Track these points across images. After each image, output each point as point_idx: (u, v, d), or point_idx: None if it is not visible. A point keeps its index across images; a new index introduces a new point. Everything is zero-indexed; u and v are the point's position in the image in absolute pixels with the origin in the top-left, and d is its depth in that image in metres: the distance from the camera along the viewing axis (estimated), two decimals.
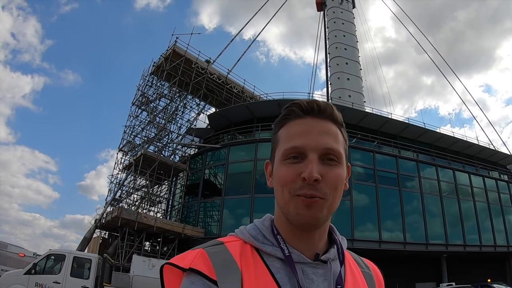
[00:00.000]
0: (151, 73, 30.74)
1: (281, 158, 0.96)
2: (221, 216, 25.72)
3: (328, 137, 0.95)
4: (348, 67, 40.58)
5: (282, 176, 0.94)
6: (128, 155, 29.53)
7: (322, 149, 0.93)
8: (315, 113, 0.97)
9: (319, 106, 0.98)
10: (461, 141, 33.39)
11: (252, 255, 0.94)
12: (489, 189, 31.95)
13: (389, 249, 25.59)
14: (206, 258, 0.88)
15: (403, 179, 28.26)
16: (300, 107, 0.98)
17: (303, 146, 0.93)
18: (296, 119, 0.98)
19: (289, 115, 0.99)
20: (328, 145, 0.94)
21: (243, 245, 0.96)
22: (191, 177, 29.01)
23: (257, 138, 27.32)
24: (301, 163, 0.92)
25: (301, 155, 0.93)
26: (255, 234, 0.98)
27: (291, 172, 0.92)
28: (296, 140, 0.94)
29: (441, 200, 28.88)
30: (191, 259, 0.88)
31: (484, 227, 30.08)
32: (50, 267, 14.16)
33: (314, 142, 0.93)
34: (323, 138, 0.94)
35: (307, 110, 0.97)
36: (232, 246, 0.94)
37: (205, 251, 0.90)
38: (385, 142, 29.45)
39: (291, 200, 0.92)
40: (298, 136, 0.95)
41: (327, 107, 0.98)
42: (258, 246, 0.96)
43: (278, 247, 0.95)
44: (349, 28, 43.67)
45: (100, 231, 26.38)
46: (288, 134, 0.97)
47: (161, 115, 29.80)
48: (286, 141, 0.96)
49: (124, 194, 28.27)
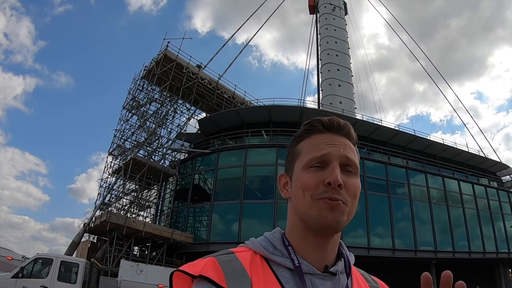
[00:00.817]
0: (142, 77, 30.61)
1: (304, 166, 1.01)
2: (210, 221, 25.59)
3: (348, 150, 1.02)
4: (339, 74, 40.56)
5: (305, 181, 0.98)
6: (118, 159, 29.36)
7: (344, 159, 1.00)
8: (335, 129, 1.05)
9: (338, 123, 1.06)
10: (450, 148, 33.53)
11: (262, 265, 0.95)
12: (478, 196, 32.06)
13: (378, 256, 25.59)
14: (217, 266, 0.90)
15: (393, 186, 28.30)
16: (321, 123, 1.05)
17: (328, 154, 0.99)
18: (317, 133, 1.05)
19: (311, 130, 1.06)
20: (349, 155, 1.01)
21: (253, 255, 0.98)
22: (181, 182, 28.89)
23: (247, 144, 27.27)
24: (324, 171, 0.98)
25: (324, 163, 0.99)
26: (265, 245, 1.00)
27: (315, 178, 0.97)
28: (320, 150, 1.00)
29: (430, 207, 28.93)
30: (202, 266, 0.90)
31: (473, 234, 30.18)
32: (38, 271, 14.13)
33: (337, 151, 1.00)
34: (343, 149, 1.01)
35: (328, 126, 1.05)
36: (243, 256, 0.96)
37: (216, 259, 0.92)
38: (375, 149, 29.51)
39: (314, 204, 0.95)
40: (323, 146, 1.01)
41: (345, 125, 1.06)
42: (268, 256, 0.98)
43: (288, 257, 0.97)
44: (341, 34, 43.74)
45: (88, 235, 26.18)
46: (311, 146, 1.03)
47: (152, 120, 29.67)
48: (310, 150, 1.02)
49: (114, 198, 28.10)
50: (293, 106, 29.65)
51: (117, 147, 29.66)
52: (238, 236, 24.01)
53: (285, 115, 28.62)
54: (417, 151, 32.13)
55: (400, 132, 31.42)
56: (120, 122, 30.29)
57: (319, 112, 31.20)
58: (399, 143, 31.44)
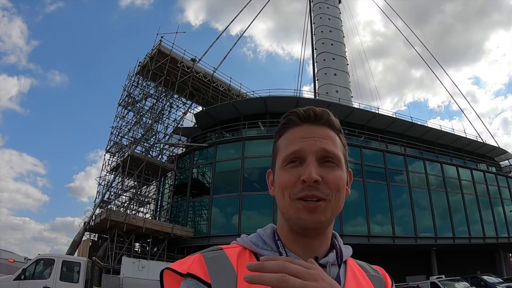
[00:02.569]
0: (136, 73, 30.53)
1: (281, 164, 0.97)
2: (210, 215, 25.61)
3: (326, 141, 0.97)
4: (335, 63, 40.57)
5: (283, 181, 0.95)
6: (115, 156, 29.32)
7: (320, 152, 0.95)
8: (312, 120, 0.99)
9: (315, 113, 1.00)
10: (448, 134, 33.57)
11: (250, 260, 0.95)
12: (477, 182, 32.15)
13: (379, 244, 25.67)
14: (202, 262, 0.90)
15: (391, 173, 28.31)
16: (297, 115, 1.00)
17: (301, 149, 0.95)
18: (294, 127, 1.00)
19: (288, 124, 1.01)
20: (325, 147, 0.95)
21: (242, 251, 0.98)
22: (179, 177, 28.89)
23: (244, 136, 27.26)
24: (300, 167, 0.94)
25: (300, 159, 0.95)
26: (255, 241, 1.01)
27: (292, 176, 0.94)
28: (295, 145, 0.96)
29: (429, 194, 29.01)
30: (189, 264, 0.91)
31: (473, 219, 30.29)
32: (40, 272, 14.12)
33: (312, 145, 0.95)
34: (321, 142, 0.96)
35: (305, 118, 1.00)
36: (231, 252, 0.96)
37: (202, 256, 0.93)
38: (373, 137, 29.52)
39: (292, 205, 0.93)
40: (297, 141, 0.96)
41: (324, 114, 1.01)
42: (257, 250, 0.98)
43: (276, 251, 0.97)
44: (336, 23, 43.67)
45: (89, 234, 26.20)
46: (287, 142, 0.99)
47: (148, 115, 29.61)
48: (286, 147, 0.98)
49: (113, 195, 28.09)
50: (289, 97, 29.63)
51: (114, 144, 29.59)
52: (238, 229, 24.03)
53: (282, 106, 28.48)
54: (415, 138, 32.15)
55: (397, 120, 31.44)
56: (116, 119, 30.24)
57: (315, 102, 31.17)
58: (396, 131, 31.46)
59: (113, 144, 29.62)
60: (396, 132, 31.39)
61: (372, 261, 1.16)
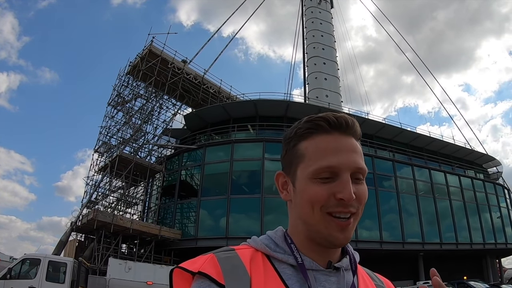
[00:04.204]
0: (127, 73, 30.33)
1: (312, 175, 0.93)
2: (198, 217, 25.49)
3: (357, 155, 0.94)
4: (325, 67, 40.71)
5: (314, 195, 0.91)
6: (104, 156, 29.12)
7: (354, 168, 0.92)
8: (343, 129, 0.95)
9: (347, 122, 0.95)
10: (437, 140, 33.76)
11: (263, 262, 0.93)
12: (465, 188, 32.42)
13: (366, 248, 25.67)
14: (216, 263, 0.88)
15: (380, 179, 28.45)
16: (327, 122, 0.95)
17: (337, 165, 0.91)
18: (323, 134, 0.95)
19: (314, 129, 0.96)
20: (358, 164, 0.93)
21: (255, 253, 0.96)
22: (168, 178, 28.76)
23: (233, 139, 27.16)
24: (334, 183, 0.91)
25: (334, 174, 0.91)
26: (267, 243, 0.98)
27: (324, 192, 0.90)
28: (329, 159, 0.92)
29: (417, 199, 29.20)
30: (201, 263, 0.88)
31: (460, 225, 30.54)
32: (26, 272, 14.02)
33: (347, 160, 0.91)
34: (354, 157, 0.93)
35: (335, 126, 0.95)
36: (243, 253, 0.94)
37: (216, 256, 0.90)
38: (362, 142, 29.03)
39: (324, 220, 0.91)
40: (331, 154, 0.92)
41: (354, 124, 0.97)
42: (270, 253, 0.95)
43: (291, 254, 0.95)
44: (327, 28, 43.83)
45: (76, 234, 25.90)
46: (318, 151, 0.94)
47: (137, 116, 29.43)
48: (317, 158, 0.93)
49: (100, 196, 27.84)
50: (279, 101, 29.63)
51: (102, 144, 29.38)
52: (226, 231, 23.97)
53: (271, 110, 28.60)
54: (404, 144, 32.32)
55: (386, 125, 31.56)
56: (105, 119, 30.00)
57: (305, 106, 31.25)
58: (385, 136, 31.58)
59: (102, 144, 29.40)
60: (385, 138, 31.50)
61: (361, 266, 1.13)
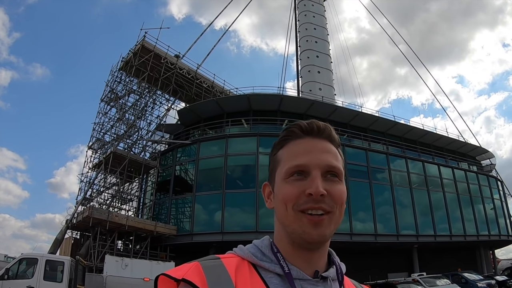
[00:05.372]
0: (119, 68, 30.12)
1: (284, 176, 0.97)
2: (193, 212, 25.47)
3: (329, 155, 0.98)
4: (318, 60, 40.73)
5: (286, 193, 0.94)
6: (97, 153, 29.03)
7: (325, 166, 0.95)
8: (315, 133, 1.00)
9: (318, 126, 1.01)
10: (430, 133, 33.93)
11: (250, 271, 0.93)
12: (458, 180, 32.63)
13: (361, 241, 25.85)
14: (200, 271, 0.88)
15: (373, 171, 28.55)
16: (300, 128, 1.01)
17: (306, 163, 0.95)
18: (296, 139, 1.00)
19: (289, 136, 1.02)
20: (330, 162, 0.96)
21: (241, 261, 0.95)
22: (162, 174, 28.73)
23: (227, 134, 27.13)
24: (305, 180, 0.94)
25: (304, 173, 0.95)
26: (254, 251, 0.98)
27: (295, 189, 0.93)
28: (299, 159, 0.96)
29: (411, 192, 29.36)
30: (186, 270, 0.88)
31: (454, 217, 30.77)
32: (23, 272, 13.96)
33: (317, 159, 0.95)
34: (325, 156, 0.97)
35: (307, 131, 1.00)
36: (229, 262, 0.93)
37: (201, 264, 0.90)
38: (355, 135, 29.67)
39: (296, 217, 0.92)
40: (301, 155, 0.96)
41: (326, 128, 1.01)
42: (256, 262, 0.96)
43: (277, 263, 0.95)
44: (320, 21, 43.79)
45: (71, 232, 25.82)
46: (290, 153, 0.99)
47: (131, 112, 29.31)
48: (289, 160, 0.97)
49: (95, 193, 27.76)
50: (272, 94, 29.64)
51: (96, 140, 29.28)
52: (221, 227, 24.00)
53: (265, 104, 28.59)
54: (397, 136, 32.46)
55: (380, 118, 31.67)
56: (98, 115, 29.86)
57: (298, 100, 31.26)
58: (379, 129, 31.71)
59: (95, 140, 29.31)
60: (378, 131, 31.62)
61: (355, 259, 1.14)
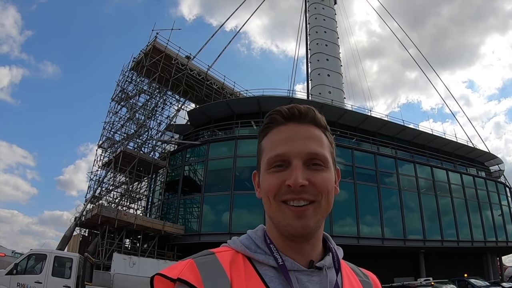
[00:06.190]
0: (130, 68, 30.37)
1: (266, 167, 0.95)
2: (201, 212, 25.62)
3: (312, 142, 0.94)
4: (328, 64, 40.77)
5: (268, 184, 0.93)
6: (107, 151, 29.21)
7: (306, 154, 0.92)
8: (297, 118, 0.96)
9: (299, 111, 0.96)
10: (439, 138, 33.79)
11: (244, 264, 0.92)
12: (466, 186, 32.47)
13: (368, 245, 25.84)
14: (195, 268, 0.87)
15: (382, 175, 28.53)
16: (281, 114, 0.97)
17: (286, 153, 0.92)
18: (278, 126, 0.97)
19: (271, 123, 0.98)
20: (312, 150, 0.92)
21: (235, 255, 0.94)
22: (171, 174, 28.86)
23: (237, 135, 27.28)
24: (286, 171, 0.91)
25: (285, 162, 0.92)
26: (247, 244, 0.97)
27: (276, 180, 0.91)
28: (279, 148, 0.93)
29: (419, 196, 29.27)
30: (180, 269, 0.87)
31: (461, 222, 30.61)
32: (31, 267, 14.15)
33: (298, 148, 0.92)
34: (306, 144, 0.93)
35: (289, 116, 0.96)
36: (223, 256, 0.92)
37: (194, 261, 0.89)
38: (364, 139, 29.64)
39: (279, 209, 0.91)
40: (281, 144, 0.93)
41: (309, 111, 0.97)
42: (250, 255, 0.94)
43: (271, 255, 0.93)
44: (330, 24, 43.89)
45: (80, 229, 26.03)
46: (271, 143, 0.96)
47: (141, 112, 29.49)
48: (270, 149, 0.95)
49: (104, 191, 27.95)
50: (282, 97, 29.70)
51: (106, 139, 29.47)
52: (229, 227, 24.08)
53: (275, 106, 26.85)
54: (406, 141, 32.32)
55: (389, 123, 31.61)
56: (109, 114, 30.09)
57: (308, 103, 31.17)
58: (388, 133, 31.62)
59: (106, 139, 29.49)
60: (387, 135, 31.55)
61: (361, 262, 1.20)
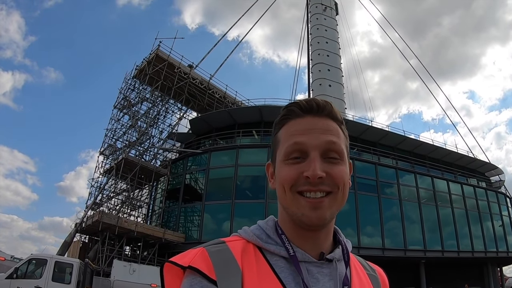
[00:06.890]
0: (133, 76, 30.55)
1: (283, 157, 0.95)
2: (202, 221, 25.66)
3: (330, 135, 0.95)
4: (330, 74, 40.95)
5: (284, 175, 0.93)
6: (109, 158, 29.33)
7: (324, 146, 0.93)
8: (315, 111, 0.97)
9: (317, 104, 0.98)
10: (440, 148, 33.88)
11: (255, 254, 0.93)
12: (467, 196, 32.43)
13: (368, 255, 25.73)
14: (206, 257, 0.88)
15: (382, 186, 28.55)
16: (299, 107, 0.98)
17: (304, 142, 0.93)
18: (296, 118, 0.98)
19: (289, 115, 1.00)
20: (329, 142, 0.94)
21: (246, 244, 0.95)
22: (172, 182, 28.91)
23: (238, 144, 27.35)
24: (303, 163, 0.92)
25: (302, 154, 0.93)
26: (258, 234, 0.97)
27: (293, 172, 0.92)
28: (297, 138, 0.94)
29: (419, 207, 29.23)
30: (191, 257, 0.88)
31: (462, 233, 30.54)
32: (32, 272, 14.15)
33: (316, 139, 0.93)
34: (324, 136, 0.94)
35: (307, 109, 0.98)
36: (234, 245, 0.92)
37: (206, 249, 0.90)
38: (365, 149, 29.71)
39: (294, 199, 0.92)
40: (299, 134, 0.94)
41: (326, 105, 0.99)
42: (262, 245, 0.95)
43: (282, 246, 0.94)
44: (332, 35, 44.12)
45: (80, 235, 26.07)
46: (288, 133, 0.97)
47: (143, 119, 29.62)
48: (287, 140, 0.95)
49: (105, 198, 28.01)
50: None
51: (108, 146, 29.59)
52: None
53: (276, 115, 28.28)
54: (407, 151, 32.42)
55: (390, 133, 31.70)
56: (111, 122, 30.21)
57: None
58: (389, 144, 31.70)
59: (107, 146, 29.61)
60: (388, 145, 31.62)
61: None
